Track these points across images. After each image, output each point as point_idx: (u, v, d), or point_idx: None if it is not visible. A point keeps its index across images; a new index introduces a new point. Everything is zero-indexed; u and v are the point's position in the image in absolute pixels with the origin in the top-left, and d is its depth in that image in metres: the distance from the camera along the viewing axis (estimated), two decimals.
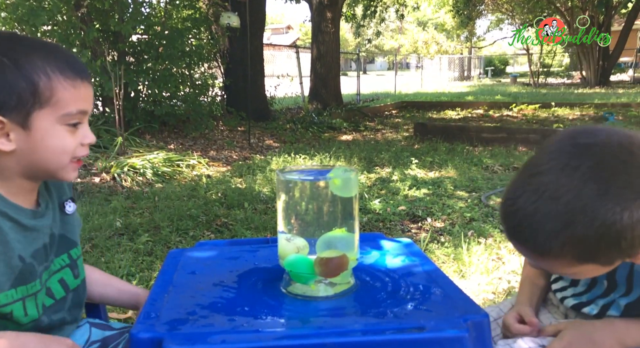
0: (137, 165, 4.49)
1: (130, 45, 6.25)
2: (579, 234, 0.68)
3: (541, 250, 0.72)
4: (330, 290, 0.88)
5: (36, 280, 0.84)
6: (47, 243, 0.87)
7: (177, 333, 0.74)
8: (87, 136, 0.85)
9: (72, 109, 0.80)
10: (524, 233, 0.72)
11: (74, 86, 0.80)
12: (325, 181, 0.85)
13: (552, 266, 0.77)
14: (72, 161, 0.84)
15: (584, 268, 0.75)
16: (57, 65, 0.79)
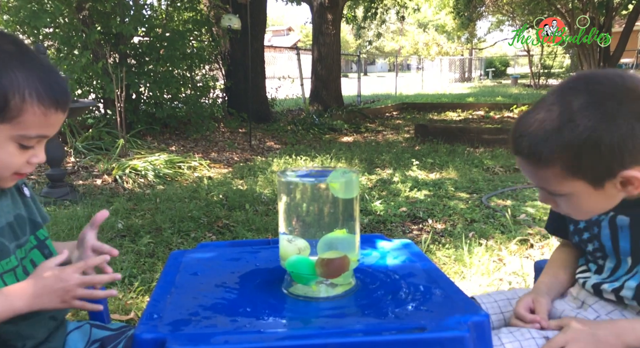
0: (138, 167, 4.50)
1: (131, 47, 6.27)
2: (565, 140, 0.77)
3: (535, 157, 0.81)
4: (332, 290, 0.89)
5: (10, 256, 0.84)
6: (12, 222, 0.88)
7: (180, 334, 0.75)
8: (36, 156, 0.84)
9: (32, 133, 0.80)
10: (522, 142, 0.82)
11: (45, 113, 0.79)
12: (326, 182, 0.86)
13: (546, 179, 0.84)
14: (14, 174, 0.83)
15: (574, 185, 0.82)
16: (37, 90, 0.77)
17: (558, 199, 0.88)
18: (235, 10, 7.29)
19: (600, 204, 0.86)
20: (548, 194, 0.88)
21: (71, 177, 4.47)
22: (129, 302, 2.12)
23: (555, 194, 0.87)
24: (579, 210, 0.89)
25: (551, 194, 0.87)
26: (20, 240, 0.89)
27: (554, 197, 0.88)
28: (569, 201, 0.86)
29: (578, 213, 0.91)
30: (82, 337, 0.99)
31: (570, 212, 0.90)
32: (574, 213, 0.91)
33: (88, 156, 5.03)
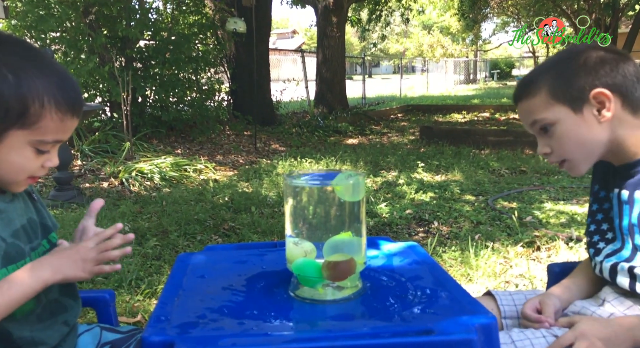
0: (144, 170, 4.52)
1: (137, 51, 6.31)
2: (547, 69, 0.97)
3: (527, 89, 0.98)
4: (338, 293, 0.89)
5: (25, 258, 0.86)
6: (25, 224, 0.89)
7: (187, 337, 0.75)
8: (50, 160, 0.86)
9: (49, 138, 0.82)
10: (520, 86, 1.00)
11: (62, 119, 0.81)
12: (332, 185, 0.86)
13: (537, 110, 0.97)
14: (28, 178, 0.85)
15: (559, 111, 0.94)
16: (55, 97, 0.80)
17: (550, 139, 0.98)
18: (241, 14, 7.32)
19: (584, 133, 0.94)
20: (542, 137, 0.99)
21: (78, 180, 4.49)
22: (136, 305, 2.13)
23: (545, 127, 0.97)
24: (566, 141, 0.96)
25: (544, 132, 0.98)
26: (34, 243, 0.90)
27: (547, 137, 0.98)
28: (557, 133, 0.96)
29: (568, 146, 0.97)
30: (92, 340, 1.00)
31: (561, 147, 0.97)
32: (564, 148, 0.97)
33: (95, 159, 5.06)
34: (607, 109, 0.92)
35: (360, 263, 0.89)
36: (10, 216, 0.87)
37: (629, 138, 0.94)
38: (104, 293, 1.17)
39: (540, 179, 4.45)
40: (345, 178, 0.88)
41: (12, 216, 0.87)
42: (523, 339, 0.93)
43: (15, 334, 0.84)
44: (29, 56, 0.80)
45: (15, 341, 0.85)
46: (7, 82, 0.76)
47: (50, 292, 0.91)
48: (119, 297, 2.17)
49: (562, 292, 1.07)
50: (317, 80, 10.14)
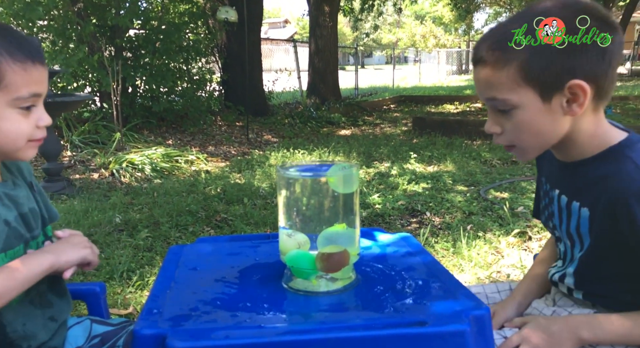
0: (135, 161, 4.48)
1: (127, 40, 6.22)
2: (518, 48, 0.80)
3: (494, 54, 0.82)
4: (332, 285, 0.88)
5: (20, 244, 0.86)
6: (26, 213, 0.89)
7: (180, 330, 0.75)
8: (42, 119, 0.85)
9: (24, 92, 0.80)
10: (483, 45, 0.84)
11: (24, 68, 0.79)
12: (326, 177, 0.85)
13: (500, 85, 0.82)
14: (30, 141, 0.85)
15: (525, 94, 0.81)
16: (5, 47, 0.78)
17: (506, 120, 0.86)
18: (232, 3, 7.23)
19: (546, 124, 0.84)
20: (496, 114, 0.87)
21: (68, 171, 4.45)
22: (127, 297, 2.12)
23: (504, 109, 0.84)
24: (524, 129, 0.85)
25: (501, 112, 0.85)
26: (34, 232, 0.91)
27: (502, 117, 0.86)
28: (516, 118, 0.84)
29: (523, 134, 0.86)
30: (82, 332, 0.99)
31: (515, 133, 0.87)
32: (518, 135, 0.87)
33: (84, 150, 5.01)
34: (579, 104, 0.81)
35: (354, 254, 0.89)
36: (13, 203, 0.87)
37: (582, 134, 0.87)
38: (94, 286, 1.16)
39: (531, 170, 4.47)
40: (339, 169, 0.87)
41: (15, 204, 0.87)
42: None
43: (8, 328, 0.84)
44: None
45: (8, 335, 0.85)
46: None
47: (40, 284, 0.90)
48: (110, 289, 2.16)
49: (524, 293, 1.07)
50: (309, 70, 10.09)
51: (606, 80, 0.82)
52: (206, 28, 7.70)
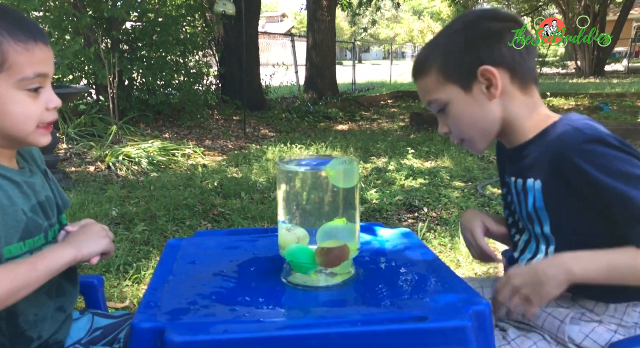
0: (132, 154, 4.46)
1: (123, 32, 6.17)
2: (436, 46, 0.96)
3: (419, 68, 0.97)
4: (331, 279, 0.88)
5: (41, 233, 0.86)
6: (43, 201, 0.89)
7: (178, 323, 0.74)
8: (51, 100, 0.83)
9: (29, 73, 0.79)
10: (414, 65, 0.99)
11: (26, 48, 0.78)
12: (325, 171, 0.85)
13: (431, 89, 0.96)
14: (40, 126, 0.83)
15: (450, 91, 0.93)
16: (6, 28, 0.77)
17: (447, 118, 0.97)
18: None
19: (476, 111, 0.94)
20: (439, 116, 0.99)
21: (64, 164, 4.42)
22: (124, 290, 2.12)
23: (440, 108, 0.96)
24: (460, 121, 0.96)
25: (440, 112, 0.98)
26: (51, 220, 0.90)
27: (444, 117, 0.98)
28: (451, 113, 0.96)
29: (463, 125, 0.96)
30: (84, 325, 0.99)
31: (457, 127, 0.97)
32: (460, 127, 0.97)
33: (80, 142, 4.98)
34: (494, 87, 0.90)
35: (354, 249, 0.89)
36: (29, 191, 0.86)
37: (519, 117, 0.94)
38: (92, 279, 1.15)
39: None
40: (338, 163, 0.86)
41: (32, 192, 0.87)
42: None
43: (21, 317, 0.84)
44: None
45: (19, 325, 0.84)
46: None
47: None
48: (106, 282, 2.15)
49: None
50: (307, 65, 10.05)
51: (516, 62, 0.91)
52: (203, 21, 7.65)
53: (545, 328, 0.93)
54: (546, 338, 0.93)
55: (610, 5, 18.44)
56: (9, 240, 0.80)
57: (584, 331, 0.90)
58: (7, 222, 0.80)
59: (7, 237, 0.80)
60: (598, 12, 16.38)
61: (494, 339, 0.78)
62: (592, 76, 16.81)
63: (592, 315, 0.91)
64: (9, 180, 0.83)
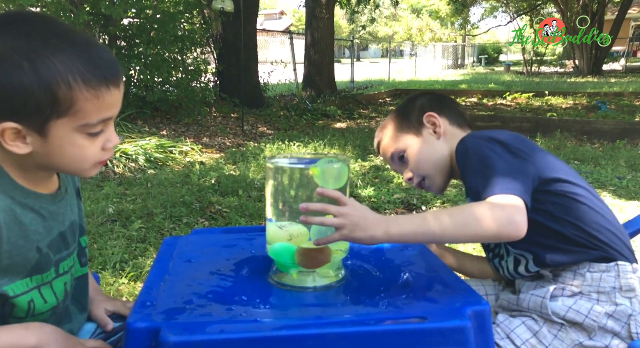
0: (129, 151, 4.44)
1: (121, 29, 6.14)
2: (395, 115, 1.22)
3: (379, 133, 1.23)
4: (315, 281, 0.86)
5: (50, 268, 0.83)
6: (65, 231, 0.86)
7: (174, 323, 0.73)
8: (110, 140, 0.79)
9: (93, 119, 0.74)
10: (376, 136, 1.26)
11: (97, 96, 0.73)
12: (310, 171, 0.83)
13: (387, 146, 1.20)
14: (95, 163, 0.80)
15: (406, 139, 1.16)
16: (80, 71, 0.71)
17: (408, 164, 1.16)
18: None
19: (429, 150, 1.14)
20: (401, 166, 1.18)
21: None
22: (120, 288, 2.10)
23: (401, 156, 1.16)
24: (419, 160, 1.14)
25: (401, 161, 1.16)
26: (64, 252, 0.87)
27: (405, 165, 1.16)
28: (411, 157, 1.15)
29: (420, 163, 1.14)
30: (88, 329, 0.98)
31: (418, 168, 1.15)
32: (420, 168, 1.15)
33: None
34: (438, 126, 1.13)
35: (338, 251, 0.86)
36: (54, 222, 0.83)
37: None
38: None
39: None
40: (324, 163, 0.84)
41: (56, 223, 0.84)
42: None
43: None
44: (42, 31, 0.71)
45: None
46: (24, 72, 0.68)
47: (67, 298, 0.89)
48: (102, 280, 2.13)
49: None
50: (305, 62, 10.02)
51: (450, 112, 1.17)
52: (201, 18, 7.61)
53: (531, 309, 0.99)
54: (533, 317, 0.98)
55: (608, 4, 18.46)
56: (12, 278, 0.78)
57: (566, 304, 0.95)
58: (16, 261, 0.77)
59: (11, 276, 0.77)
60: (596, 11, 16.39)
61: (493, 339, 0.77)
62: (590, 75, 16.84)
63: (572, 288, 0.97)
64: (36, 213, 0.79)
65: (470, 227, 0.82)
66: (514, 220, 0.82)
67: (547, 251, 0.99)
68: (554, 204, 0.98)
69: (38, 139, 0.73)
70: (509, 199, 0.85)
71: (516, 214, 0.82)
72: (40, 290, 0.82)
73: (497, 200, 0.85)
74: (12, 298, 0.78)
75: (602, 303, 0.94)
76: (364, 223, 0.80)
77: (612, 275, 0.95)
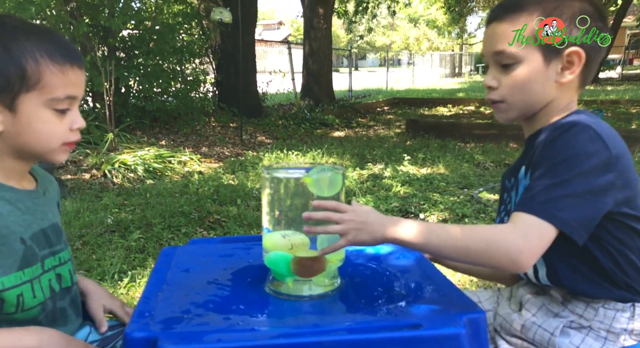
0: (128, 161, 4.45)
1: (120, 40, 6.18)
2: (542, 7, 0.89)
3: (511, 12, 0.90)
4: (310, 290, 0.86)
5: (37, 263, 0.85)
6: (46, 229, 0.89)
7: (172, 333, 0.74)
8: (76, 121, 0.85)
9: (60, 94, 0.81)
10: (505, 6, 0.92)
11: (62, 71, 0.81)
12: (302, 179, 0.84)
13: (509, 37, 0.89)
14: (63, 145, 0.85)
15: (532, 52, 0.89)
16: (46, 49, 0.80)
17: (505, 75, 0.92)
18: (226, 3, 7.21)
19: (538, 85, 0.90)
20: (497, 69, 0.93)
21: (59, 171, 4.40)
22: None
23: (508, 63, 0.90)
24: (519, 84, 0.91)
25: (503, 67, 0.91)
26: (54, 247, 0.90)
27: (502, 73, 0.92)
28: (515, 73, 0.90)
29: (516, 90, 0.92)
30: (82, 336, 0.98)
31: (510, 88, 0.92)
32: (512, 90, 0.92)
33: (76, 150, 4.96)
34: (571, 72, 0.89)
35: (336, 260, 0.87)
36: (33, 217, 0.86)
37: (556, 108, 0.92)
38: None
39: None
40: (318, 172, 0.85)
41: (35, 218, 0.87)
42: None
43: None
44: (14, 24, 0.82)
45: None
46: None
47: (60, 300, 0.91)
48: None
49: None
50: (303, 72, 10.08)
51: (591, 58, 0.90)
52: (200, 29, 7.67)
53: (537, 342, 0.91)
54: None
55: None
56: (6, 271, 0.80)
57: (574, 342, 0.89)
58: (3, 252, 0.80)
59: (4, 268, 0.80)
60: None
61: (488, 346, 0.78)
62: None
63: (582, 321, 0.90)
64: (13, 205, 0.83)
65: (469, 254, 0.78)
66: (520, 260, 0.77)
67: (573, 273, 0.88)
68: (612, 235, 0.86)
69: (8, 116, 0.79)
70: (541, 229, 0.77)
71: (528, 253, 0.77)
72: (32, 284, 0.84)
73: (528, 225, 0.78)
74: (2, 292, 0.80)
75: (610, 343, 0.88)
76: (366, 226, 0.81)
77: (626, 316, 0.88)
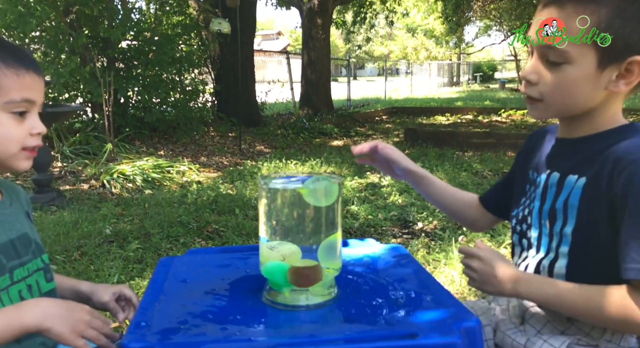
0: (126, 171, 4.45)
1: (119, 51, 6.22)
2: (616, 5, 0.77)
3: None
4: (308, 300, 0.86)
5: (5, 274, 0.84)
6: (14, 239, 0.88)
7: (168, 343, 0.74)
8: (35, 127, 0.86)
9: (16, 96, 0.82)
10: None
11: (17, 74, 0.82)
12: (297, 189, 0.84)
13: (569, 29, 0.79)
14: (24, 150, 0.85)
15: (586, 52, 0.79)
16: (0, 56, 0.81)
17: (549, 73, 0.83)
18: (225, 14, 7.27)
19: (585, 91, 0.81)
20: (542, 63, 0.84)
21: (58, 182, 4.41)
22: None
23: (556, 61, 0.81)
24: (563, 87, 0.82)
25: (549, 63, 0.83)
26: (23, 258, 0.89)
27: (547, 69, 0.83)
28: (562, 73, 0.81)
29: (559, 92, 0.83)
30: None
31: (552, 89, 0.83)
32: (554, 91, 0.84)
33: (75, 160, 4.97)
34: (626, 82, 0.80)
35: (333, 269, 0.87)
36: (2, 227, 0.86)
37: (602, 114, 0.86)
38: None
39: None
40: (313, 181, 0.85)
41: (3, 228, 0.87)
42: None
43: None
44: None
45: None
46: None
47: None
48: None
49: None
50: (302, 82, 10.14)
51: None
52: (199, 39, 7.73)
53: None
54: None
55: None
56: None
57: None
58: None
59: None
60: None
61: None
62: None
63: (588, 339, 0.87)
64: None
65: (597, 316, 0.80)
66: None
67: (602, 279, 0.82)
68: None
69: None
70: None
71: None
72: (0, 296, 0.83)
73: None
74: None
75: None
76: (493, 280, 0.87)
77: (635, 336, 0.86)
